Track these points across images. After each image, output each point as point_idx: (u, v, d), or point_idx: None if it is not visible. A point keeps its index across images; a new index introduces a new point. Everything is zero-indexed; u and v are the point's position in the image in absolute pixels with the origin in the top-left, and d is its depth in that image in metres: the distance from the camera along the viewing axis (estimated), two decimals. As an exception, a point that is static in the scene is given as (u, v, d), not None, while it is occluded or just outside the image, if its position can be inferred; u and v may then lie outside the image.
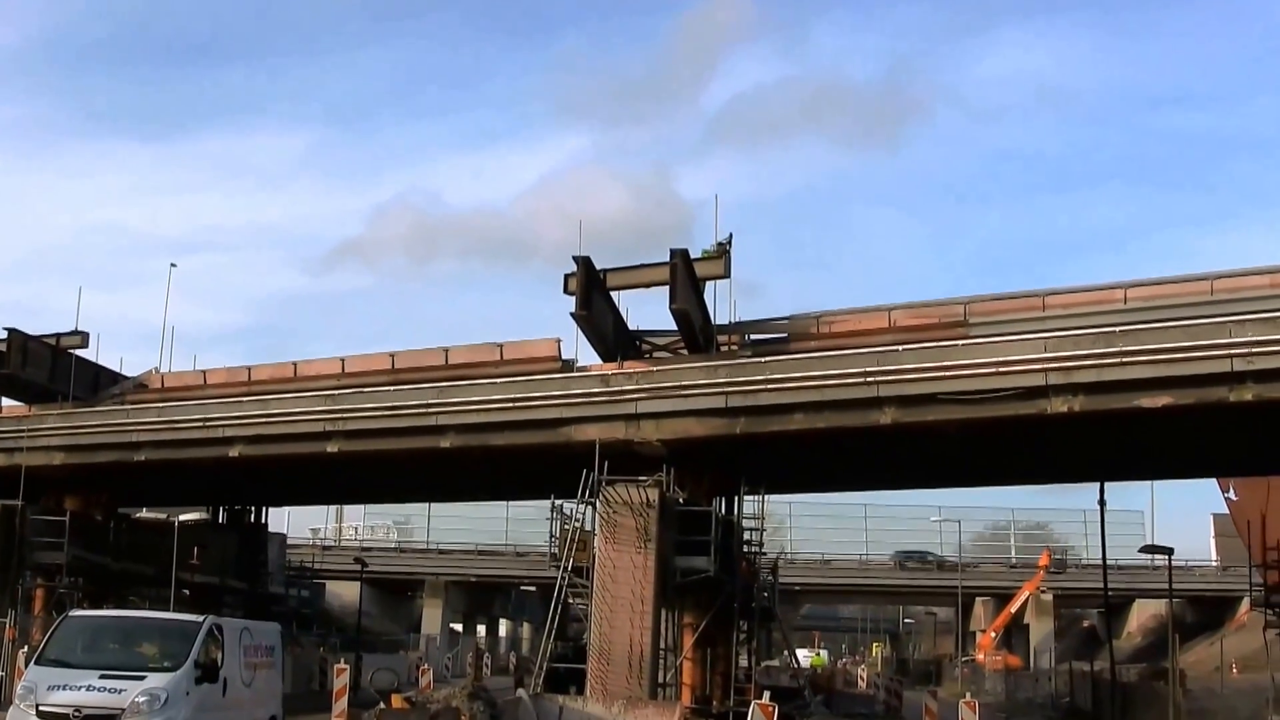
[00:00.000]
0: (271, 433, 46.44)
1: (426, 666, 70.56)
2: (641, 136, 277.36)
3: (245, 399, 47.88)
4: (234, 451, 47.31)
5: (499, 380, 42.62)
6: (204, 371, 53.40)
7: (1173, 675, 50.02)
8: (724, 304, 43.58)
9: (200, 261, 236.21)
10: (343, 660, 53.85)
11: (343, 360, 48.27)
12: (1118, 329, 35.73)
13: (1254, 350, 33.34)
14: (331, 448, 45.12)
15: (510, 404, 41.70)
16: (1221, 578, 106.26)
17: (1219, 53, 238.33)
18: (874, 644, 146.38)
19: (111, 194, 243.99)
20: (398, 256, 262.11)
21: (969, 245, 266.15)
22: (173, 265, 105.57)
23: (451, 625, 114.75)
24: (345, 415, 44.52)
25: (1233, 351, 33.53)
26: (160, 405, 50.49)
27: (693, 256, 40.60)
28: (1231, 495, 60.28)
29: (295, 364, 50.01)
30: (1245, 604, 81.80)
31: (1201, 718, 50.00)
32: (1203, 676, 64.04)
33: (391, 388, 44.70)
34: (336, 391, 45.74)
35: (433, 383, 43.92)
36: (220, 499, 66.51)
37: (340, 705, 38.97)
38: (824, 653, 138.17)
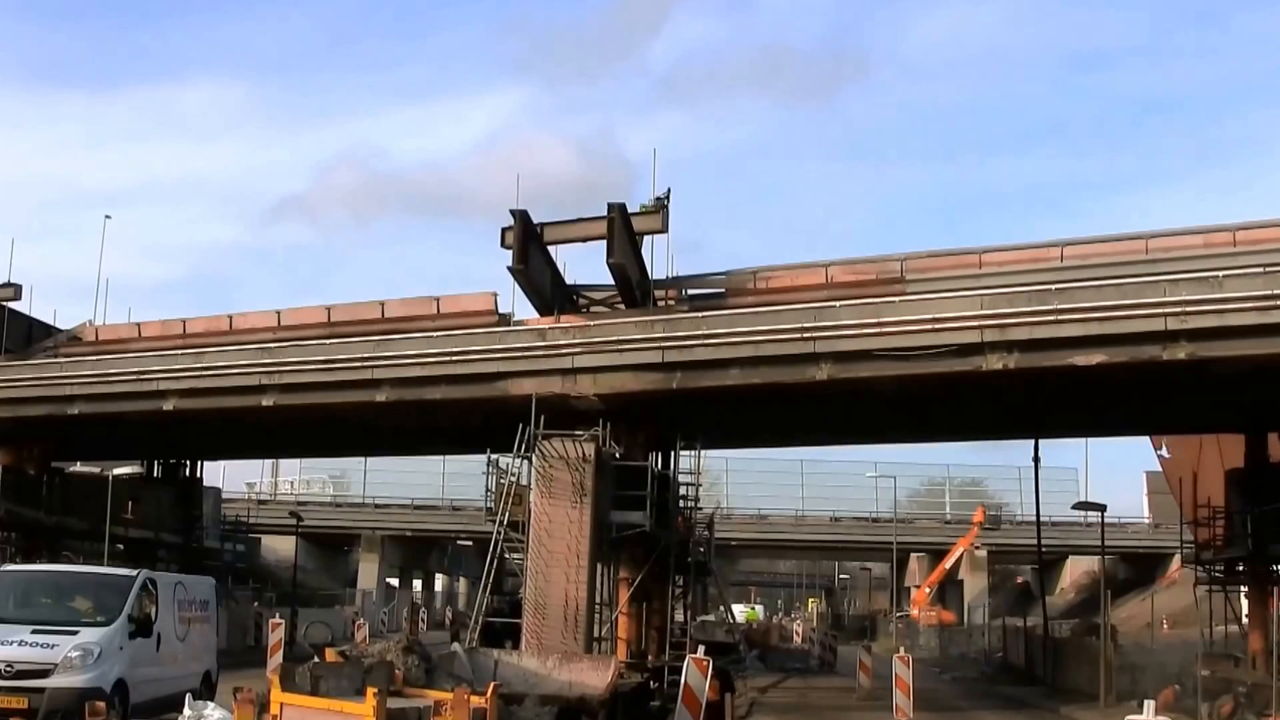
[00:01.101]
0: (206, 386, 46.15)
1: (362, 621, 70.77)
2: (588, 94, 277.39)
3: (180, 352, 47.48)
4: (168, 405, 47.01)
5: (435, 334, 42.45)
6: (138, 324, 52.96)
7: (1104, 631, 50.42)
8: (662, 259, 43.58)
9: (137, 214, 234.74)
10: (278, 615, 53.88)
11: (278, 313, 47.99)
12: (1053, 287, 35.81)
13: (1187, 310, 33.49)
14: (267, 401, 44.90)
15: (446, 358, 41.55)
16: (1153, 535, 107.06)
17: (1159, 13, 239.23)
18: (810, 599, 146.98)
19: (45, 146, 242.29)
20: (341, 212, 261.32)
21: (907, 203, 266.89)
22: (107, 218, 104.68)
23: (388, 580, 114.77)
24: (280, 368, 44.28)
25: (1166, 311, 33.68)
26: (94, 358, 50.13)
27: (631, 212, 40.56)
28: (1164, 453, 60.70)
29: (230, 317, 49.71)
30: (1176, 561, 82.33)
31: (1132, 672, 50.31)
32: (1134, 632, 64.53)
33: (327, 341, 44.47)
34: (272, 345, 45.47)
35: (369, 336, 43.70)
36: (155, 453, 66.19)
37: (275, 660, 38.98)
38: (760, 608, 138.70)
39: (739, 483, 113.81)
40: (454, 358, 41.46)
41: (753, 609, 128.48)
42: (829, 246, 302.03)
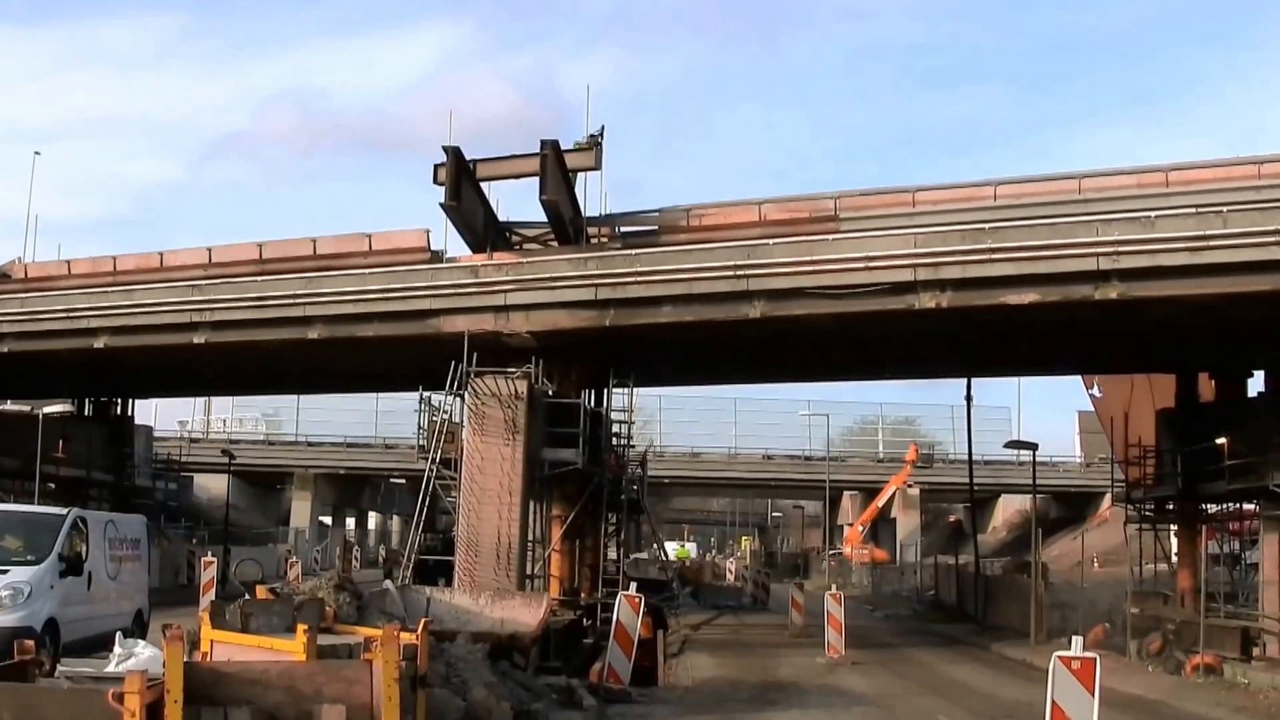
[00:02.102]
0: (137, 323, 45.75)
1: (295, 559, 70.58)
2: (526, 31, 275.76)
3: (110, 289, 47.06)
4: (99, 343, 46.60)
5: (367, 271, 42.23)
6: (68, 261, 52.52)
7: (1035, 569, 50.70)
8: (596, 197, 43.50)
9: (68, 150, 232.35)
10: (210, 553, 53.68)
11: (210, 250, 47.64)
12: (986, 226, 35.91)
13: (1119, 249, 33.62)
14: (198, 338, 44.56)
15: (378, 295, 41.33)
16: (1085, 474, 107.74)
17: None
18: (742, 537, 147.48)
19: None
20: (279, 150, 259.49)
21: (841, 142, 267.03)
22: (36, 154, 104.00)
23: (320, 518, 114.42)
24: (212, 306, 43.96)
25: (1098, 250, 33.80)
26: (23, 295, 49.61)
27: (565, 149, 40.42)
28: (1095, 392, 60.93)
29: (162, 254, 49.32)
30: (1107, 500, 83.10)
31: (1063, 610, 50.70)
32: (1065, 570, 65.06)
33: (259, 278, 44.17)
34: (203, 282, 45.13)
35: (301, 273, 43.45)
36: (86, 391, 65.83)
37: (208, 598, 38.78)
38: (693, 546, 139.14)
39: (672, 420, 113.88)
40: (386, 295, 41.24)
41: (685, 547, 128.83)
42: (764, 186, 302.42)
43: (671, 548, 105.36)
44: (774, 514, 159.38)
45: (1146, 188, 38.35)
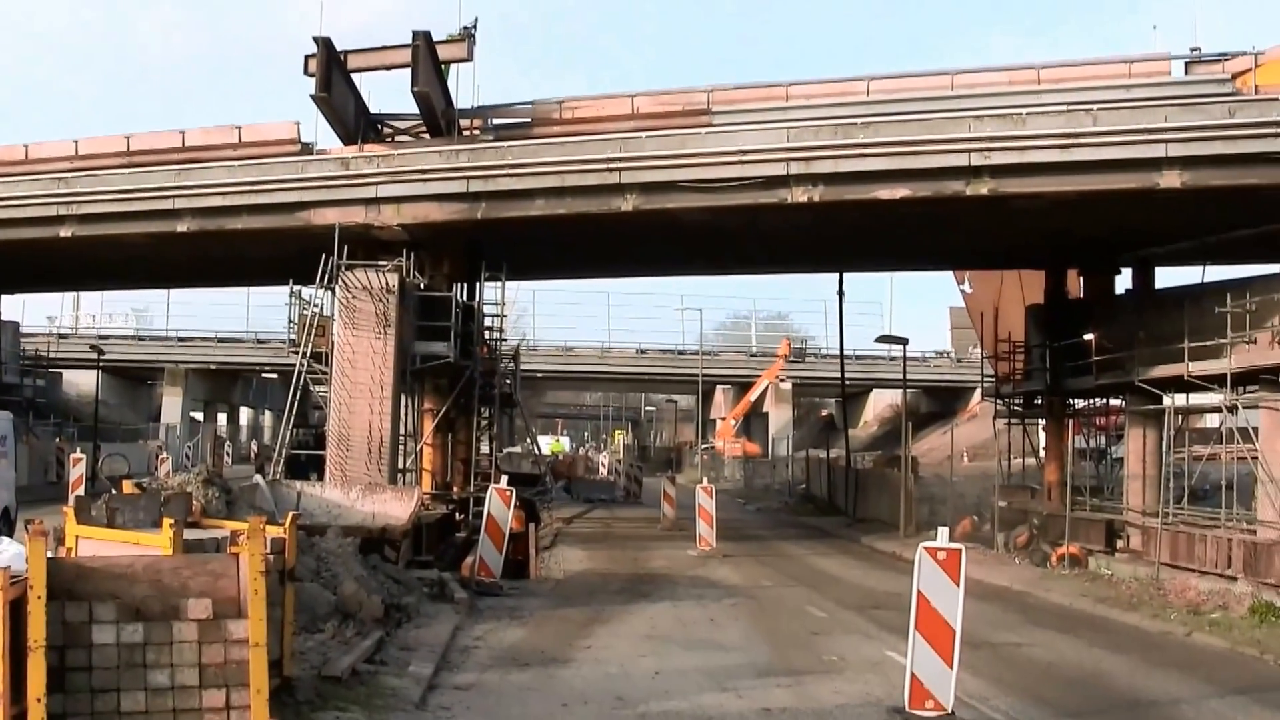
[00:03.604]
0: (1, 217, 44.97)
1: (165, 455, 70.05)
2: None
3: (-29, 183, 46.23)
4: (-40, 237, 45.82)
5: (236, 163, 41.65)
6: (-72, 154, 51.49)
7: (905, 463, 51.33)
8: (468, 89, 43.15)
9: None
10: (79, 450, 53.14)
11: (76, 142, 46.72)
12: (859, 121, 36.02)
13: (991, 145, 33.88)
14: (65, 232, 43.80)
15: (248, 187, 40.80)
16: (955, 369, 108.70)
17: None
18: (616, 431, 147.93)
19: None
20: (151, 46, 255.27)
21: (715, 35, 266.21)
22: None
23: (192, 414, 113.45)
24: (78, 199, 43.21)
25: (970, 146, 34.04)
26: (-118, 187, 48.65)
27: (436, 40, 40.04)
28: (966, 288, 61.36)
29: (26, 146, 48.25)
30: (977, 395, 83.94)
31: (932, 503, 51.36)
32: (935, 464, 65.64)
33: (126, 171, 43.46)
34: (69, 175, 44.32)
35: (169, 166, 42.82)
36: (-51, 286, 64.83)
37: (76, 495, 38.47)
38: (566, 440, 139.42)
39: (546, 314, 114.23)
40: (255, 187, 40.74)
41: (559, 441, 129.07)
42: (637, 79, 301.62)
43: (545, 442, 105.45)
44: (647, 408, 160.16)
45: (1018, 85, 38.56)
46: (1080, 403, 48.88)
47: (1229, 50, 37.40)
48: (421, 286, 39.88)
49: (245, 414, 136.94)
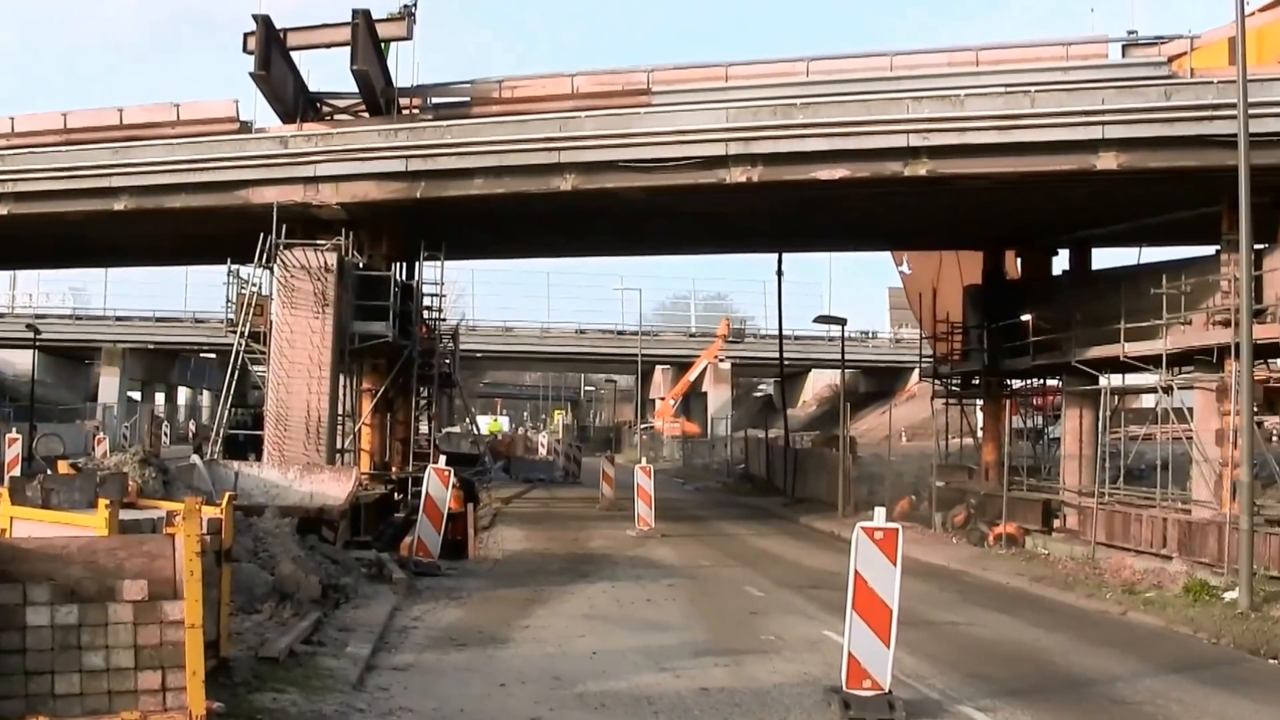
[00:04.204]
0: (-66, 194, 44.58)
1: (103, 436, 69.64)
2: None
3: (-94, 159, 45.79)
4: (-106, 213, 45.39)
5: (175, 141, 41.41)
6: None
7: (843, 442, 51.44)
8: (408, 68, 43.06)
9: None
10: (14, 430, 52.76)
11: (12, 119, 46.29)
12: (798, 102, 36.12)
13: (930, 127, 34.06)
14: (1, 210, 43.54)
15: (186, 165, 40.57)
16: (894, 349, 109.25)
17: None
18: (555, 411, 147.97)
19: None
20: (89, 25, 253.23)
21: (657, 15, 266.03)
22: None
23: (129, 394, 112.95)
24: (15, 176, 42.85)
25: (909, 127, 34.22)
26: None
27: (376, 18, 39.91)
28: (905, 269, 61.54)
29: (-40, 123, 48.04)
30: (915, 375, 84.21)
31: (870, 483, 51.49)
32: (873, 444, 65.97)
33: (64, 148, 43.15)
34: (5, 151, 44.02)
35: (108, 143, 42.54)
36: (-119, 264, 64.29)
37: (10, 476, 38.18)
38: (506, 420, 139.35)
39: (486, 294, 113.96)
40: (194, 166, 40.52)
41: (498, 421, 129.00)
42: (578, 59, 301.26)
43: (484, 422, 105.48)
44: (587, 388, 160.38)
45: (957, 66, 38.73)
46: (1018, 383, 49.21)
47: (1166, 34, 37.65)
48: (360, 266, 39.74)
49: (183, 394, 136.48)
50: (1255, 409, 29.02)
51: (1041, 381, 48.90)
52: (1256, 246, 30.32)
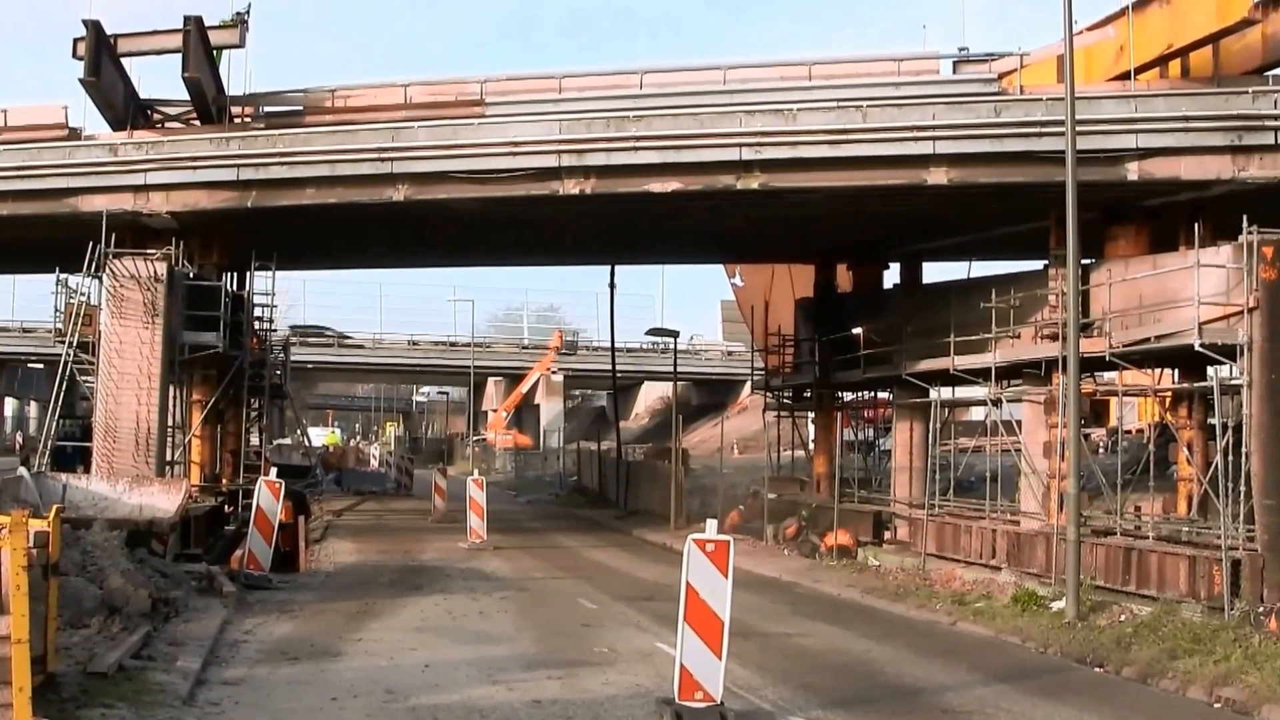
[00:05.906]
0: None
1: (-75, 446, 68.42)
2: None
3: None
4: None
5: (1, 147, 40.76)
6: None
7: (675, 454, 51.73)
8: (241, 76, 42.63)
9: None
10: None
11: None
12: (631, 114, 36.19)
13: (763, 140, 34.22)
14: None
15: (13, 172, 39.80)
16: (726, 361, 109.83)
17: None
18: (387, 423, 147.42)
19: None
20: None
21: (490, 24, 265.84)
22: None
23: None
24: None
25: (741, 141, 34.37)
26: None
27: (209, 25, 39.54)
28: (737, 281, 62.03)
29: None
30: (748, 387, 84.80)
31: (703, 495, 51.85)
32: (706, 456, 66.28)
33: (-106, 153, 42.35)
34: None
35: (-70, 149, 41.78)
36: None
37: None
38: (338, 431, 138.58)
39: (318, 305, 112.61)
40: (21, 172, 39.79)
41: (333, 432, 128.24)
42: (412, 68, 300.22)
43: (319, 434, 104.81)
44: (419, 399, 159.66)
45: (789, 80, 38.94)
46: (849, 395, 49.68)
47: (997, 51, 38.13)
48: (191, 275, 39.30)
49: (10, 405, 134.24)
50: (1082, 421, 29.48)
51: (873, 394, 49.39)
52: (1084, 261, 30.91)
